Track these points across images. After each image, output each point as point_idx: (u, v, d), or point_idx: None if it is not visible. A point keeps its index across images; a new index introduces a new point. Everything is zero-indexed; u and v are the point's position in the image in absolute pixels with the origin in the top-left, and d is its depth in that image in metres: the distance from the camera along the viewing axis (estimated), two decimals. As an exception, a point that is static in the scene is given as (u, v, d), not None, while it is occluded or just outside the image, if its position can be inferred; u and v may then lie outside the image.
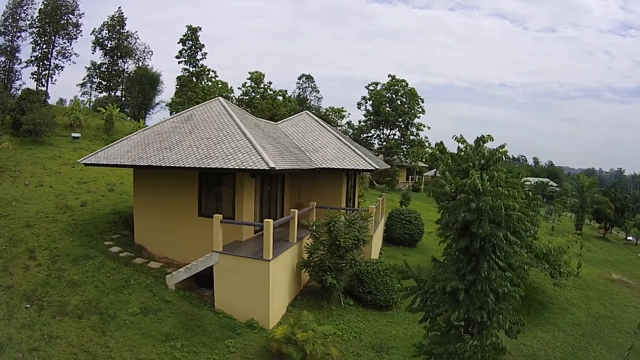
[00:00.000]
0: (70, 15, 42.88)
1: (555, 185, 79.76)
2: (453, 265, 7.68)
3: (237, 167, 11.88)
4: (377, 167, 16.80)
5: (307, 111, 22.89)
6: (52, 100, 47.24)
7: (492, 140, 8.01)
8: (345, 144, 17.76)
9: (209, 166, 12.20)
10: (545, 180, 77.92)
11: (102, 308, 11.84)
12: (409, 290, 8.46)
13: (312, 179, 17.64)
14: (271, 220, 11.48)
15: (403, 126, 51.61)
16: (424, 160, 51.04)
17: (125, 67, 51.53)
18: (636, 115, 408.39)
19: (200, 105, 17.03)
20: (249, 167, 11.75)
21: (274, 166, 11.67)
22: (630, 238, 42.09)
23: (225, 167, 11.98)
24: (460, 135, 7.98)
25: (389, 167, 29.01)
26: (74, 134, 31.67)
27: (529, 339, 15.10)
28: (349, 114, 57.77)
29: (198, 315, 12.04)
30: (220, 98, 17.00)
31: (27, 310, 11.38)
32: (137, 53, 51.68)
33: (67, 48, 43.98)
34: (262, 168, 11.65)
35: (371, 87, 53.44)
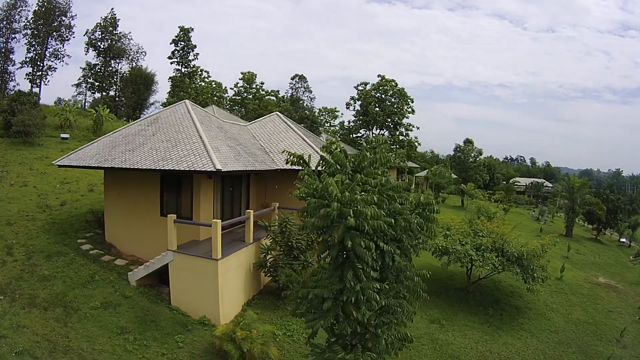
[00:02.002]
0: (63, 17, 44.62)
1: (551, 186, 79.92)
2: (326, 272, 7.67)
3: (187, 169, 12.96)
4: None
5: (277, 112, 23.66)
6: (49, 101, 48.95)
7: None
8: (309, 145, 18.58)
9: (164, 168, 13.31)
10: (540, 180, 78.16)
11: (67, 301, 12.99)
12: (289, 293, 8.57)
13: (277, 180, 18.51)
14: (219, 221, 12.54)
15: (392, 126, 52.35)
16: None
17: (119, 67, 53.08)
18: (635, 116, 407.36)
19: (167, 108, 18.15)
20: (199, 169, 12.83)
21: (221, 168, 12.70)
22: (623, 240, 41.68)
23: (178, 168, 13.07)
24: (335, 138, 8.38)
25: None
26: (62, 135, 33.01)
27: (497, 346, 14.91)
28: (342, 114, 58.65)
29: (154, 311, 13.12)
30: (187, 101, 18.08)
31: (0, 302, 12.54)
32: (131, 54, 53.21)
33: (59, 49, 45.81)
34: (209, 170, 12.70)
35: (360, 87, 54.27)
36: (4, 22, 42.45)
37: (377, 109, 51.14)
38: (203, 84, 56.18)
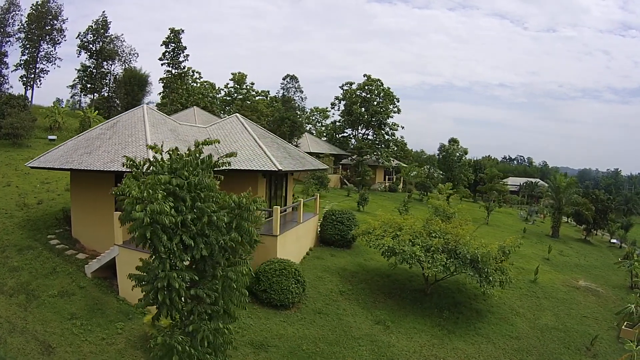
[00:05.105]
0: (55, 21, 47.43)
1: (547, 186, 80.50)
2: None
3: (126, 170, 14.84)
4: (281, 167, 18.75)
5: (237, 114, 25.17)
6: (48, 102, 51.58)
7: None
8: (259, 146, 20.15)
9: (110, 169, 15.32)
10: (534, 180, 78.61)
11: (30, 289, 15.02)
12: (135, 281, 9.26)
13: (231, 180, 20.01)
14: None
15: (376, 126, 53.84)
16: None
17: (112, 69, 55.56)
18: (635, 116, 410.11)
19: (126, 113, 20.15)
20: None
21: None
22: (614, 241, 42.04)
23: (119, 170, 14.81)
24: (154, 144, 9.49)
25: (327, 167, 30.89)
26: (50, 137, 35.54)
27: (445, 351, 15.02)
28: (333, 114, 60.36)
29: (103, 300, 15.07)
30: (144, 105, 20.09)
31: (-28, 289, 14.63)
32: (123, 55, 55.65)
33: (51, 53, 48.71)
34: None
35: (345, 87, 55.89)
36: (-2, 26, 45.19)
37: (362, 109, 52.67)
38: (195, 84, 58.45)
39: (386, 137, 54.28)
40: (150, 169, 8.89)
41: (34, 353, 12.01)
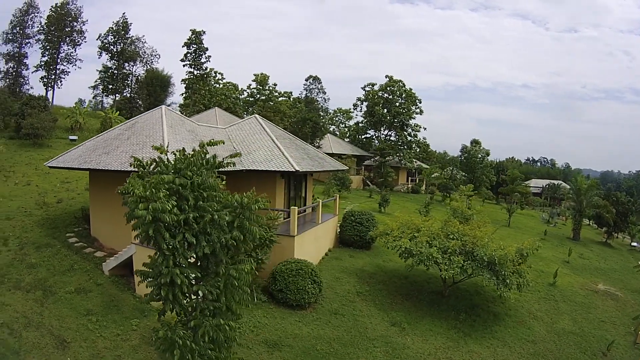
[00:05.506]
0: (75, 23, 48.55)
1: (569, 188, 79.48)
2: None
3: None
4: (298, 168, 18.85)
5: (256, 115, 25.37)
6: (69, 102, 52.49)
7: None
8: (277, 147, 20.27)
9: (126, 169, 15.51)
10: (557, 182, 77.27)
11: (47, 286, 15.30)
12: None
13: (250, 180, 20.28)
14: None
15: (399, 127, 53.77)
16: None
17: (134, 70, 56.35)
18: None
19: (145, 113, 20.47)
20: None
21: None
22: (635, 244, 41.07)
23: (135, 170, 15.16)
24: (160, 144, 9.88)
25: (346, 168, 30.88)
26: (71, 137, 36.34)
27: (460, 354, 14.95)
28: (356, 114, 60.58)
29: (119, 297, 15.29)
30: (163, 106, 20.36)
31: (-11, 285, 15.04)
32: (145, 57, 56.42)
33: (71, 54, 49.75)
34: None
35: (367, 88, 55.89)
36: (17, 28, 46.34)
37: (384, 110, 52.67)
38: (218, 85, 59.00)
39: (408, 138, 54.34)
40: (157, 169, 9.19)
41: (48, 347, 12.22)
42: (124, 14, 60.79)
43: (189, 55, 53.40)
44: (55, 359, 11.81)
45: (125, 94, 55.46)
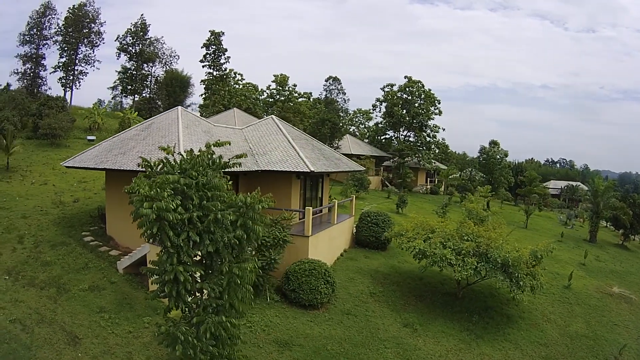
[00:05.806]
0: (93, 24, 49.42)
1: (587, 189, 78.53)
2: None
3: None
4: (313, 169, 18.77)
5: (273, 116, 25.41)
6: (88, 103, 53.05)
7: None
8: (293, 148, 20.29)
9: (142, 170, 15.59)
10: (575, 184, 76.44)
11: (61, 283, 15.53)
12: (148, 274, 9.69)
13: (265, 180, 20.22)
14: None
15: (418, 128, 53.59)
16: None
17: (153, 71, 57.03)
18: None
19: (162, 114, 20.64)
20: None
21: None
22: None
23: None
24: (168, 145, 9.99)
25: (363, 169, 30.55)
26: (89, 137, 36.89)
27: (471, 356, 14.91)
28: (376, 115, 60.71)
29: (133, 295, 15.42)
30: (179, 107, 20.51)
31: (5, 281, 15.22)
32: (164, 58, 57.00)
33: (90, 55, 50.54)
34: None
35: (387, 89, 55.80)
36: (35, 30, 47.20)
37: (403, 110, 52.53)
38: (237, 86, 59.37)
39: (427, 139, 54.07)
40: (164, 169, 9.41)
41: (60, 343, 12.36)
42: (142, 15, 61.68)
43: (208, 56, 53.95)
44: (67, 355, 11.93)
45: (144, 95, 56.05)
